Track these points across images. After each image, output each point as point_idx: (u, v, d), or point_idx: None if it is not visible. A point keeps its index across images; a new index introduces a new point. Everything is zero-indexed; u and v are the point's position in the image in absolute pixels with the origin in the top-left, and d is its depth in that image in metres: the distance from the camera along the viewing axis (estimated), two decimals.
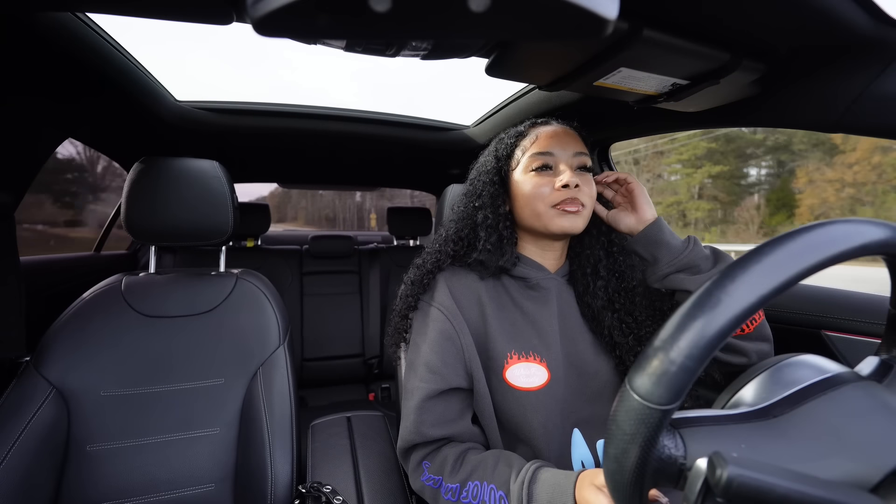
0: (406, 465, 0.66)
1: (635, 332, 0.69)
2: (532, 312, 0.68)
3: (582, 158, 0.67)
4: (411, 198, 7.95)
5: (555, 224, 0.65)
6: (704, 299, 0.29)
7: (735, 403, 0.38)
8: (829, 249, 0.29)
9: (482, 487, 0.57)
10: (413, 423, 0.63)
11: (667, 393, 0.28)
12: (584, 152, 0.68)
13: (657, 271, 0.66)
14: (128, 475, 0.76)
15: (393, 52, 0.50)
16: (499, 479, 0.57)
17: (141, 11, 0.54)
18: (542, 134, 0.68)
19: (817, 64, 0.58)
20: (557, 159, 0.66)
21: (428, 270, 0.72)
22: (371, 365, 2.00)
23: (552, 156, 0.66)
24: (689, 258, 0.64)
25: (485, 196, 0.70)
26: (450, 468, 0.60)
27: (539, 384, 0.63)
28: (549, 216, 0.65)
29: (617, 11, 0.21)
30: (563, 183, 0.64)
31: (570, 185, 0.64)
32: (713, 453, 0.28)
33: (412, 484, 0.65)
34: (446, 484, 0.60)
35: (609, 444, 0.32)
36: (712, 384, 0.66)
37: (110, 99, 0.98)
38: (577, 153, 0.67)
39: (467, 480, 0.58)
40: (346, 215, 8.37)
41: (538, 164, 0.66)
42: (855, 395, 0.33)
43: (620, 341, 0.68)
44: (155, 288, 0.90)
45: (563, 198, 0.64)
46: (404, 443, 0.65)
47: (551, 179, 0.66)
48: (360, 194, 9.23)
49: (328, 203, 8.68)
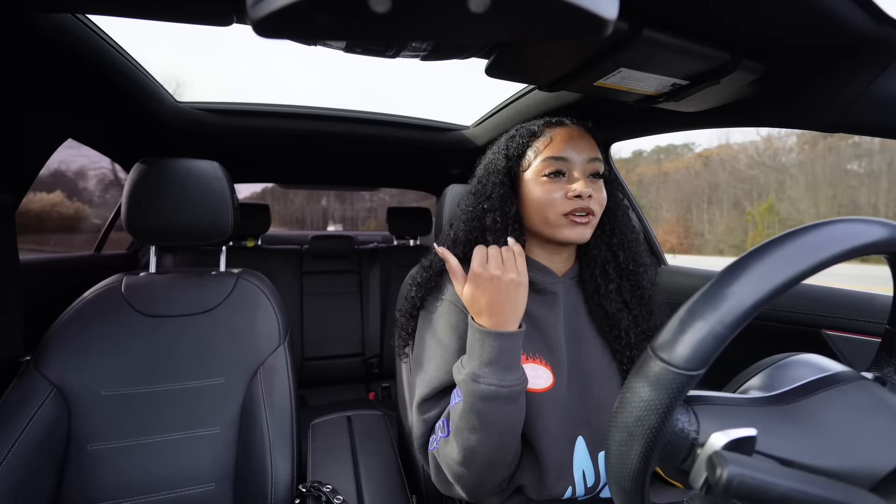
0: (425, 460, 0.66)
1: (649, 338, 0.68)
2: (538, 317, 0.67)
3: (595, 165, 0.65)
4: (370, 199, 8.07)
5: (563, 234, 0.64)
6: (740, 270, 0.30)
7: (744, 392, 0.38)
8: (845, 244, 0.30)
9: (452, 406, 0.59)
10: (419, 417, 0.64)
11: (695, 357, 0.28)
12: (598, 157, 0.66)
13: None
14: (128, 474, 0.77)
15: (393, 52, 0.50)
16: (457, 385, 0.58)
17: (141, 13, 0.54)
18: (556, 136, 0.66)
19: (817, 64, 0.58)
20: (571, 165, 0.64)
21: (436, 272, 0.71)
22: (371, 364, 2.00)
23: (566, 161, 0.64)
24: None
25: (494, 198, 0.68)
26: (439, 431, 0.62)
27: (544, 387, 0.63)
28: (558, 225, 0.64)
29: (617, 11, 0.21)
30: (577, 193, 0.62)
31: (584, 195, 0.62)
32: (713, 453, 0.28)
33: (433, 475, 0.64)
34: (440, 433, 0.60)
35: (621, 411, 0.31)
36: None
37: (110, 99, 0.98)
38: (591, 159, 0.65)
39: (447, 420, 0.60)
40: (313, 218, 9.77)
41: (551, 170, 0.64)
42: (859, 392, 0.34)
43: (636, 344, 0.67)
44: (155, 288, 0.90)
45: (574, 207, 0.63)
46: (418, 439, 0.65)
47: (564, 186, 0.64)
48: (325, 200, 10.33)
49: (298, 207, 10.17)
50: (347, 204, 9.30)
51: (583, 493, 0.62)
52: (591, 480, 0.62)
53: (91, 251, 1.63)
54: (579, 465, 0.62)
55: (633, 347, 0.67)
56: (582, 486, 0.62)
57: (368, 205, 8.29)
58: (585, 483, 0.62)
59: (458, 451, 0.57)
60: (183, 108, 1.24)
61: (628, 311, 0.69)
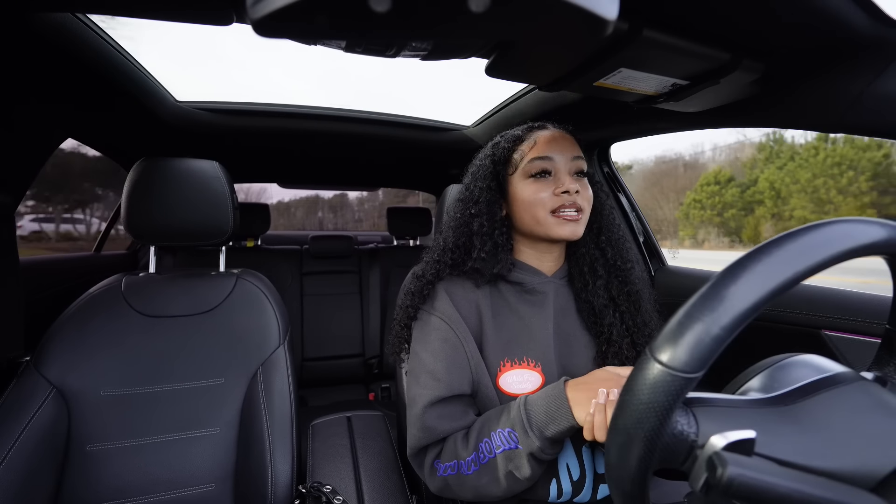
0: (421, 471, 0.67)
1: (633, 334, 0.69)
2: (528, 317, 0.68)
3: (579, 163, 0.68)
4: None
5: (555, 231, 0.66)
6: (739, 271, 0.30)
7: (743, 393, 0.38)
8: (845, 244, 0.30)
9: (492, 438, 0.59)
10: (419, 427, 0.64)
11: (693, 360, 0.28)
12: (581, 156, 0.69)
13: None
14: (128, 475, 0.76)
15: (393, 52, 0.50)
16: (502, 421, 0.59)
17: (141, 12, 0.54)
18: (540, 138, 0.68)
19: (817, 64, 0.58)
20: (556, 164, 0.67)
21: (428, 281, 0.72)
22: (371, 365, 2.00)
23: (551, 160, 0.67)
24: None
25: (482, 203, 0.69)
26: (460, 446, 0.61)
27: (532, 389, 0.64)
28: (549, 223, 0.66)
29: (617, 12, 0.21)
30: (564, 189, 0.65)
31: (571, 191, 0.64)
32: (713, 454, 0.28)
33: (431, 486, 0.65)
34: (464, 461, 0.60)
35: (620, 415, 0.31)
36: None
37: (110, 99, 0.98)
38: (574, 157, 0.68)
39: (478, 443, 0.60)
40: (311, 228, 11.24)
41: (537, 170, 0.67)
42: (859, 393, 0.34)
43: (617, 340, 0.68)
44: (155, 288, 0.90)
45: (562, 203, 0.65)
46: (413, 449, 0.66)
47: (551, 185, 0.66)
48: (321, 213, 11.88)
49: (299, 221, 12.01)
50: (339, 215, 10.89)
51: (569, 488, 0.63)
52: (576, 474, 0.63)
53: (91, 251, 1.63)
54: (563, 458, 0.63)
55: (614, 343, 0.68)
56: (567, 480, 0.63)
57: (357, 215, 9.79)
58: (571, 476, 0.63)
59: (473, 492, 0.60)
60: (183, 107, 1.24)
61: (615, 306, 0.71)
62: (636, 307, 0.71)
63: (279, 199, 18.66)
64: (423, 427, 0.64)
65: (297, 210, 10.61)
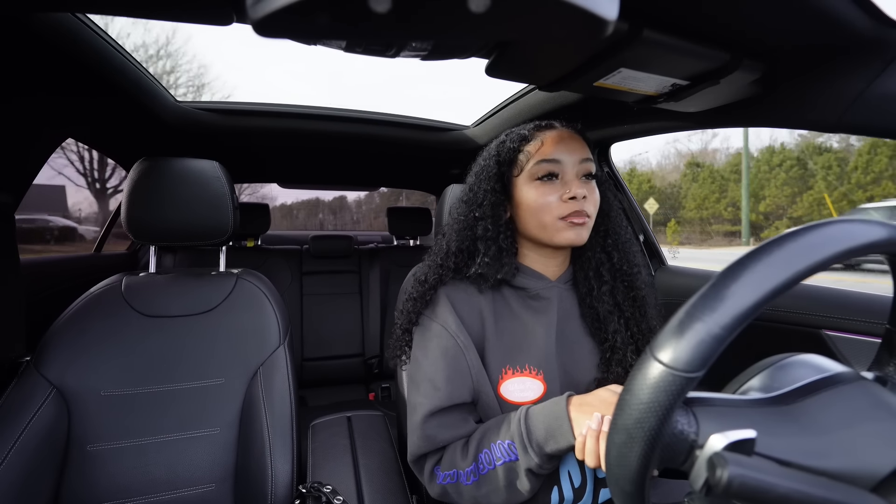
0: (421, 477, 0.66)
1: (638, 342, 0.68)
2: (531, 324, 0.67)
3: (587, 165, 0.65)
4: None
5: (561, 237, 0.64)
6: (739, 271, 0.30)
7: (744, 393, 0.38)
8: (845, 244, 0.30)
9: (492, 449, 0.58)
10: (419, 436, 0.64)
11: (694, 359, 0.28)
12: (590, 158, 0.66)
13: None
14: (128, 475, 0.76)
15: (393, 52, 0.50)
16: (502, 433, 0.58)
17: (141, 12, 0.54)
18: (547, 139, 0.65)
19: (818, 64, 0.58)
20: (563, 167, 0.64)
21: (430, 286, 0.70)
22: (371, 365, 2.00)
23: (559, 163, 0.64)
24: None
25: (486, 206, 0.67)
26: (459, 456, 0.61)
27: (534, 398, 0.63)
28: (555, 228, 0.64)
29: (617, 12, 0.21)
30: (572, 195, 0.62)
31: (578, 196, 0.62)
32: (714, 454, 0.28)
33: (431, 492, 0.65)
34: (463, 471, 0.60)
35: (620, 415, 0.31)
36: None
37: (110, 99, 0.98)
38: (583, 160, 0.65)
39: (478, 454, 0.59)
40: (313, 229, 11.38)
41: (544, 173, 0.64)
42: (860, 392, 0.34)
43: (621, 347, 0.67)
44: (155, 288, 0.90)
45: (570, 210, 0.62)
46: (413, 455, 0.65)
47: (558, 189, 0.64)
48: (321, 214, 12.37)
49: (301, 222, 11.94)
50: (338, 217, 11.26)
51: (570, 494, 0.62)
52: (577, 480, 0.63)
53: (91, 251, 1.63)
54: (565, 465, 0.63)
55: (618, 350, 0.66)
56: (568, 486, 0.62)
57: (355, 217, 10.15)
58: (572, 483, 0.62)
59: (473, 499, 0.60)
60: (183, 107, 1.24)
61: (620, 312, 0.69)
62: (641, 313, 0.69)
63: (282, 201, 18.89)
64: (423, 436, 0.63)
65: (300, 212, 10.88)
